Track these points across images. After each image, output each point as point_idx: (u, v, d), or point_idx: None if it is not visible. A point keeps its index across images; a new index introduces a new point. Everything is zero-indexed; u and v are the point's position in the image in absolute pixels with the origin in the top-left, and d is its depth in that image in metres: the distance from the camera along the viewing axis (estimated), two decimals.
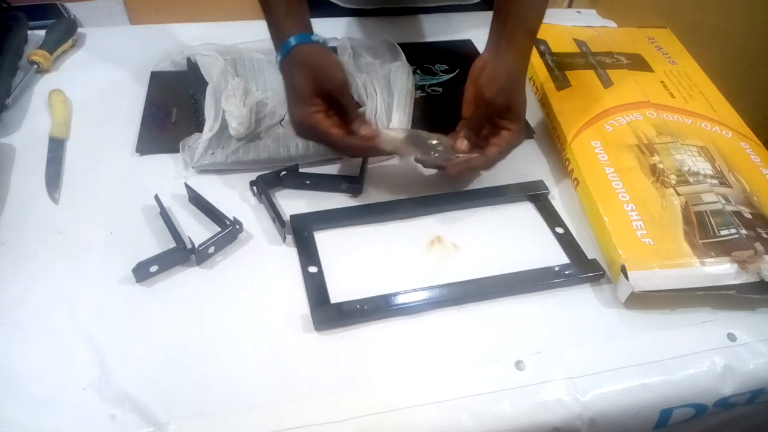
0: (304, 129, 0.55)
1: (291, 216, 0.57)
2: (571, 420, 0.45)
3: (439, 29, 0.88)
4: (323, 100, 0.55)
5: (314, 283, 0.52)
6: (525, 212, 0.61)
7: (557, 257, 0.56)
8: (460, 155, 0.57)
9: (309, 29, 0.57)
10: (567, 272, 0.54)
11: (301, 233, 0.56)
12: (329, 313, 0.49)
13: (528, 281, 0.53)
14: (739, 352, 0.50)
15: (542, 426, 0.45)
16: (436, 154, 0.57)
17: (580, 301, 0.53)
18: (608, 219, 0.56)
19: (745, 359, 0.49)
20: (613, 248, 0.53)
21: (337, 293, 0.51)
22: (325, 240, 0.56)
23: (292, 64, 0.55)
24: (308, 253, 0.54)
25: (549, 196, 0.62)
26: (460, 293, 0.52)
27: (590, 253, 0.57)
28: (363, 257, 0.55)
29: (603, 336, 0.50)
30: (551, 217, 0.60)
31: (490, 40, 0.60)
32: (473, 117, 0.59)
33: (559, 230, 0.59)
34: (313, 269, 0.53)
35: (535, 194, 0.62)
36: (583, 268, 0.55)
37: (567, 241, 0.58)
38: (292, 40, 0.55)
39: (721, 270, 0.51)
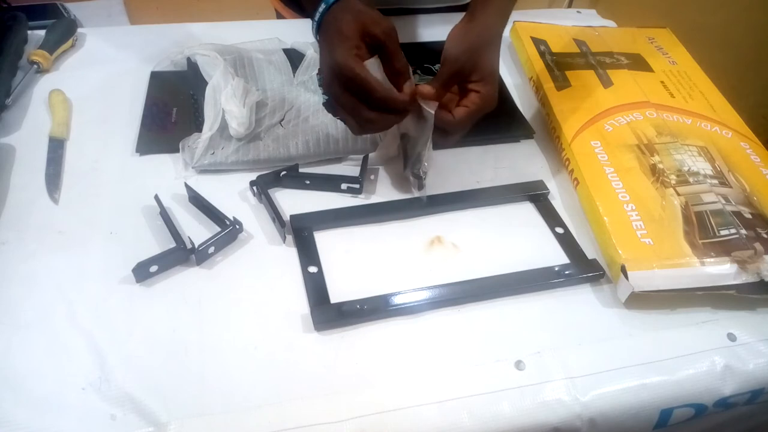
0: (344, 72, 0.51)
1: (291, 216, 0.57)
2: (571, 420, 0.45)
3: (439, 29, 0.88)
4: (368, 48, 0.52)
5: (314, 283, 0.52)
6: (525, 212, 0.61)
7: (557, 257, 0.56)
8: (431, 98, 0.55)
9: None
10: (567, 272, 0.54)
11: (301, 233, 0.56)
12: (329, 313, 0.49)
13: (528, 281, 0.53)
14: (739, 352, 0.50)
15: (542, 426, 0.45)
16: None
17: (580, 301, 0.53)
18: (608, 219, 0.56)
19: (745, 359, 0.49)
20: (613, 248, 0.53)
21: (337, 293, 0.51)
22: (325, 240, 0.56)
23: (338, 11, 0.52)
24: (308, 253, 0.54)
25: (549, 196, 0.62)
26: (460, 293, 0.52)
27: (590, 253, 0.57)
28: (363, 257, 0.55)
29: (603, 336, 0.50)
30: (551, 217, 0.60)
31: (468, 8, 0.59)
32: (439, 73, 0.56)
33: (559, 230, 0.59)
34: (313, 269, 0.53)
35: (535, 194, 0.62)
36: (583, 268, 0.55)
37: (567, 241, 0.58)
38: None
39: (721, 270, 0.51)
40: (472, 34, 0.56)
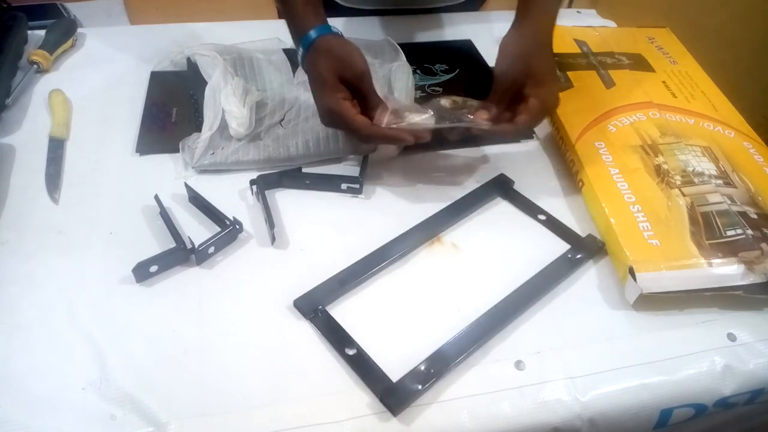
0: (332, 116, 0.56)
1: (295, 301, 0.50)
2: (571, 420, 0.45)
3: (439, 29, 0.88)
4: (347, 88, 0.56)
5: (360, 364, 0.46)
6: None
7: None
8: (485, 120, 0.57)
9: (326, 22, 0.58)
10: (578, 256, 0.55)
11: (315, 315, 0.49)
12: (399, 394, 0.44)
13: (549, 278, 0.53)
14: (739, 352, 0.49)
15: (542, 426, 0.45)
16: (464, 117, 0.57)
17: (580, 301, 0.53)
18: (614, 220, 0.55)
19: (745, 359, 0.49)
20: (621, 250, 0.53)
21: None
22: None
23: (316, 54, 0.56)
24: (336, 334, 0.48)
25: (515, 186, 0.62)
26: (488, 325, 0.49)
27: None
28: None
29: (603, 336, 0.50)
30: (529, 208, 0.60)
31: (515, 16, 0.61)
32: (494, 90, 0.58)
33: (542, 217, 0.59)
34: (351, 351, 0.47)
35: (504, 189, 0.62)
36: (586, 247, 0.56)
37: (555, 226, 0.58)
38: (313, 33, 0.57)
39: (729, 271, 0.51)
40: (519, 43, 0.58)
